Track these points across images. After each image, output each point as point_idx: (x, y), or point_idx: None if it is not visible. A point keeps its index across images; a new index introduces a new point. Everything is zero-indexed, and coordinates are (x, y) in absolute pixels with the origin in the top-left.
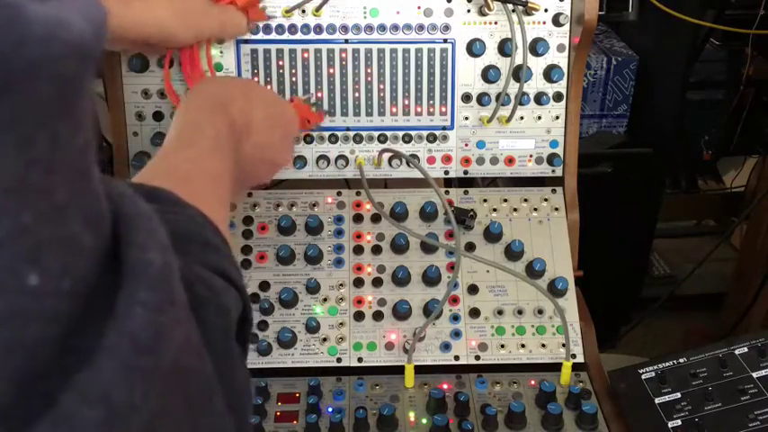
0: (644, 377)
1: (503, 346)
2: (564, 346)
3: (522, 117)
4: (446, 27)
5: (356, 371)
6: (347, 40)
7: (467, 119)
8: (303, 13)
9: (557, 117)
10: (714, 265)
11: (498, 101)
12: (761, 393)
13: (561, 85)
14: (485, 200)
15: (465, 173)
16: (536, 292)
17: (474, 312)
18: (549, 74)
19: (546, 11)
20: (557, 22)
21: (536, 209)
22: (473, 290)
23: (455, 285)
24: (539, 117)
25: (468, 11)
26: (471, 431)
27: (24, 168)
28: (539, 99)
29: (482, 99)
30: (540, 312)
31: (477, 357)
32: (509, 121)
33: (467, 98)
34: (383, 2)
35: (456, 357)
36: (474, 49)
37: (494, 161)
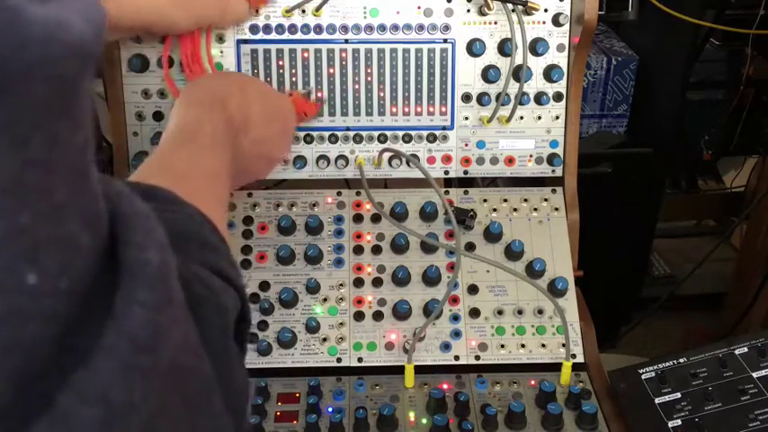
0: (644, 377)
1: (503, 346)
2: (564, 346)
3: (522, 117)
4: (446, 27)
5: (356, 371)
6: (347, 40)
7: (467, 119)
8: (303, 13)
9: (557, 117)
10: (714, 265)
11: (498, 101)
12: (761, 393)
13: (561, 85)
14: (485, 200)
15: (465, 173)
16: (536, 292)
17: (474, 312)
18: (549, 74)
19: (546, 11)
20: (557, 21)
21: (536, 209)
22: (473, 290)
23: (455, 285)
24: (539, 117)
25: (468, 11)
26: (471, 431)
27: (21, 169)
28: (539, 99)
29: (482, 99)
30: (540, 312)
31: (477, 357)
32: (509, 121)
33: (467, 98)
34: (383, 2)
35: (456, 357)
36: (474, 48)
37: (494, 161)
